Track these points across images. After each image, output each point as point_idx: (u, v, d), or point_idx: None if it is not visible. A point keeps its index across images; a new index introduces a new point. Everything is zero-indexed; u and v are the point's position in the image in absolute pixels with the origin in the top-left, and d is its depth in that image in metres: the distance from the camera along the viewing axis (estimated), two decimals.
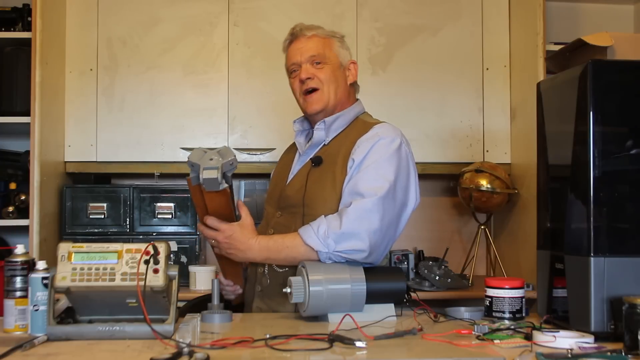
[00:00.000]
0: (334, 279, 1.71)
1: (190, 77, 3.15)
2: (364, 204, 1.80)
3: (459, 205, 3.42)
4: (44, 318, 1.53)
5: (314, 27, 2.07)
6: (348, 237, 1.77)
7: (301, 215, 1.93)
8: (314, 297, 1.68)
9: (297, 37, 2.05)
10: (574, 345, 1.40)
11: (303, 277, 1.71)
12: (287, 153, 2.23)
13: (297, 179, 2.01)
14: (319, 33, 2.05)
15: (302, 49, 2.03)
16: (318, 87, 2.01)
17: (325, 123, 2.01)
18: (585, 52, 2.73)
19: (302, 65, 2.02)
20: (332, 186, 1.92)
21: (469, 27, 3.24)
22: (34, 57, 2.79)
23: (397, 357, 1.40)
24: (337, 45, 2.07)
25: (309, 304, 1.69)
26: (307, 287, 1.69)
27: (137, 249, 1.51)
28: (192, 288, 2.86)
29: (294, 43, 2.06)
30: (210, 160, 1.69)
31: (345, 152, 1.95)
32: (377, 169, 1.86)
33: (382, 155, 1.88)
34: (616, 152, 1.53)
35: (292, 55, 2.05)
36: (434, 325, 1.67)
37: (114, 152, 3.11)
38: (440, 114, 3.22)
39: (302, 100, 2.04)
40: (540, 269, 1.72)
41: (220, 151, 1.72)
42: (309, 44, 2.03)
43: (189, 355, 1.30)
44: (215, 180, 1.68)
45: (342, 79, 2.05)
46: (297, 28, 2.06)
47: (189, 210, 3.01)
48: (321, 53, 2.02)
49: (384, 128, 1.96)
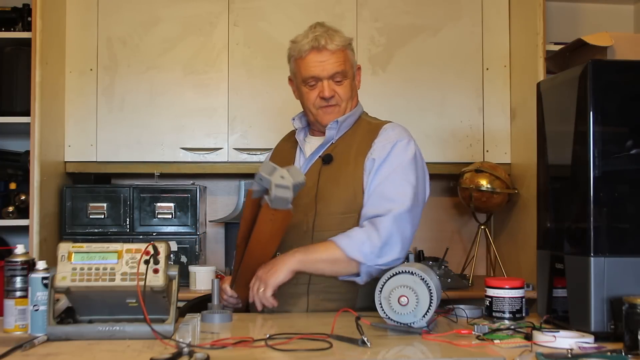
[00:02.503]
0: None
1: (190, 77, 3.14)
2: (399, 215, 1.85)
3: (459, 205, 3.42)
4: (44, 318, 1.53)
5: (333, 34, 1.98)
6: (388, 251, 1.83)
7: (313, 214, 1.93)
8: None
9: (321, 50, 1.96)
10: (574, 345, 1.40)
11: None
12: (283, 150, 2.19)
13: (308, 177, 1.98)
14: (339, 45, 1.97)
15: (325, 63, 1.96)
16: (337, 104, 2.01)
17: (338, 122, 2.02)
18: (585, 52, 2.73)
19: (323, 80, 1.98)
20: (345, 184, 1.94)
21: (469, 27, 3.24)
22: (34, 57, 2.79)
23: (397, 357, 1.40)
24: (350, 54, 2.04)
25: None
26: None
27: (137, 249, 1.51)
28: (192, 288, 2.86)
29: (315, 54, 1.97)
30: (282, 178, 1.71)
31: (357, 151, 1.97)
32: (402, 174, 1.91)
33: (403, 159, 1.92)
34: (616, 152, 1.53)
35: (313, 68, 1.97)
36: (436, 326, 1.67)
37: (114, 152, 3.11)
38: (440, 114, 3.22)
39: (317, 112, 2.02)
40: (540, 269, 1.72)
41: (291, 171, 1.73)
42: (332, 59, 1.97)
43: (189, 355, 1.30)
44: (286, 199, 1.70)
45: (355, 88, 2.07)
46: (322, 40, 1.95)
47: (189, 210, 3.01)
48: (343, 69, 1.99)
49: (397, 130, 2.00)
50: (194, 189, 3.02)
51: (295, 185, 1.71)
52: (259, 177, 1.73)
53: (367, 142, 1.98)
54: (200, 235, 3.04)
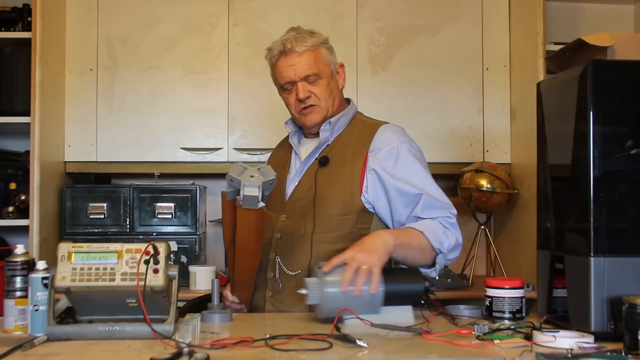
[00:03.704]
0: None
1: (190, 77, 3.15)
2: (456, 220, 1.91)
3: (459, 205, 3.36)
4: (44, 318, 1.53)
5: (301, 37, 1.97)
6: (457, 249, 1.90)
7: (311, 216, 1.93)
8: (329, 298, 1.63)
9: (287, 54, 1.96)
10: (574, 345, 1.40)
11: (319, 277, 1.66)
12: (278, 156, 2.18)
13: (305, 180, 1.99)
14: (308, 45, 1.96)
15: (295, 66, 1.95)
16: (316, 104, 1.99)
17: (330, 124, 2.01)
18: (585, 52, 2.73)
19: (297, 83, 1.97)
20: (342, 186, 1.94)
21: (469, 27, 3.24)
22: (34, 57, 2.79)
23: (397, 357, 1.40)
24: (325, 53, 2.00)
25: (325, 306, 1.63)
26: (322, 288, 1.64)
27: (137, 249, 1.51)
28: (192, 288, 2.86)
29: (284, 59, 1.96)
30: (251, 177, 1.70)
31: (353, 152, 1.97)
32: (432, 179, 1.95)
33: (418, 159, 1.96)
34: (616, 152, 1.53)
35: (285, 74, 1.97)
36: (437, 326, 1.66)
37: (114, 152, 3.11)
38: (440, 114, 3.22)
39: (299, 115, 2.01)
40: (540, 269, 1.72)
41: (261, 169, 1.73)
42: (302, 61, 1.95)
43: (189, 355, 1.30)
44: (255, 198, 1.69)
45: (336, 86, 2.04)
46: (288, 44, 1.95)
47: (189, 210, 3.01)
48: (315, 71, 1.96)
49: (397, 132, 2.00)
50: (194, 189, 3.02)
51: (265, 183, 1.71)
52: (230, 178, 1.72)
53: (363, 142, 1.97)
54: (200, 235, 3.04)
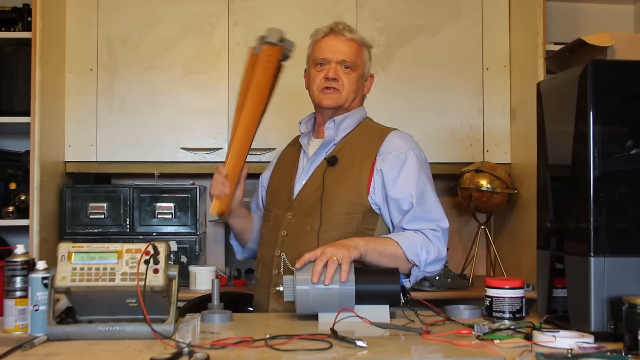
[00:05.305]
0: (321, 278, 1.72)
1: (190, 77, 3.15)
2: (445, 231, 1.93)
3: (459, 205, 3.41)
4: (44, 318, 1.53)
5: (354, 29, 2.08)
6: (438, 263, 1.93)
7: (318, 214, 1.95)
8: (301, 296, 1.69)
9: (336, 34, 2.05)
10: (574, 345, 1.40)
11: (293, 275, 1.73)
12: (288, 154, 2.21)
13: (313, 178, 2.02)
14: (355, 38, 2.06)
15: (336, 47, 2.04)
16: (339, 89, 2.04)
17: (335, 122, 2.05)
18: (585, 52, 2.73)
19: (332, 63, 2.03)
20: (350, 185, 1.96)
21: (469, 27, 3.24)
22: (34, 57, 2.79)
23: (397, 357, 1.40)
24: (366, 55, 2.10)
25: (297, 303, 1.70)
26: (295, 285, 1.71)
27: (137, 249, 1.51)
28: (192, 288, 2.86)
29: (329, 38, 2.06)
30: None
31: (362, 154, 2.00)
32: (431, 188, 1.97)
33: (422, 168, 1.98)
34: (616, 152, 1.53)
35: (325, 50, 2.05)
36: (435, 326, 1.67)
37: (114, 152, 3.11)
38: (440, 114, 3.22)
39: (319, 93, 2.05)
40: (540, 269, 1.72)
41: None
42: (345, 46, 2.05)
43: (189, 355, 1.30)
44: (279, 32, 2.01)
45: (361, 87, 2.11)
46: (340, 25, 2.06)
47: (189, 210, 3.01)
48: (353, 60, 2.04)
49: (406, 139, 2.04)
50: (194, 189, 3.02)
51: (287, 41, 2.05)
52: (261, 37, 2.01)
53: (372, 146, 2.01)
54: (200, 235, 3.04)
